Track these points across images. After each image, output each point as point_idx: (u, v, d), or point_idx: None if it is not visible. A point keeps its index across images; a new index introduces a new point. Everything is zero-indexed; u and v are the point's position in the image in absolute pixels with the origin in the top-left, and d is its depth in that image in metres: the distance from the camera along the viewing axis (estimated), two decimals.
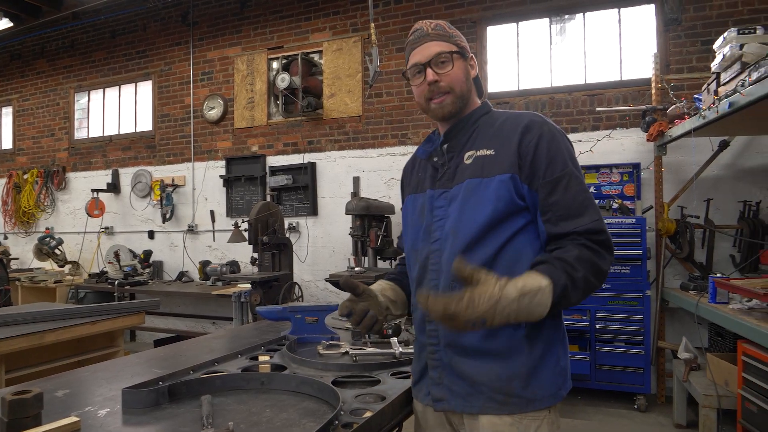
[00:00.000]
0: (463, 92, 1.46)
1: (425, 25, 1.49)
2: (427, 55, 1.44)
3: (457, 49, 1.46)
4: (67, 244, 7.11)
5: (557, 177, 1.34)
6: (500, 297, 1.14)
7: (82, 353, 3.06)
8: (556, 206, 1.33)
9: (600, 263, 1.29)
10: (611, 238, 1.33)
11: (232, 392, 1.59)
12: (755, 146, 4.39)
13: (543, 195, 1.34)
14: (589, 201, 1.34)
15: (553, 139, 1.37)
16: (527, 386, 1.33)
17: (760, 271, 3.99)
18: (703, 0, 4.58)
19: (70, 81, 7.60)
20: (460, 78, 1.45)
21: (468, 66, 1.49)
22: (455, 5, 5.39)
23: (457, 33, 1.51)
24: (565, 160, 1.36)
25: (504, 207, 1.35)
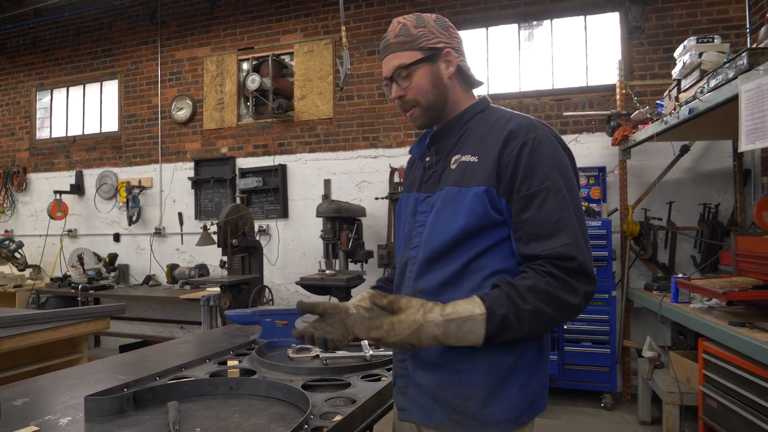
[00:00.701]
0: (432, 102, 1.37)
1: (390, 31, 1.39)
2: (388, 69, 1.38)
3: (420, 56, 1.33)
4: (27, 247, 6.88)
5: (533, 192, 1.22)
6: (423, 323, 1.17)
7: (42, 360, 2.97)
8: (527, 224, 1.22)
9: (562, 294, 1.16)
10: (589, 265, 1.18)
11: (200, 398, 1.57)
12: (714, 151, 4.54)
13: (515, 211, 1.24)
14: (565, 221, 1.19)
15: (538, 148, 1.24)
16: (483, 408, 1.24)
17: (719, 271, 4.13)
18: (665, 9, 4.73)
19: (32, 79, 7.37)
20: (424, 88, 1.35)
21: (439, 67, 1.35)
22: (426, 9, 5.43)
23: (426, 30, 1.35)
24: (546, 172, 1.22)
25: (476, 221, 1.27)
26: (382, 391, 1.60)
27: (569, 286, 1.16)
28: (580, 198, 1.29)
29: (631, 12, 4.74)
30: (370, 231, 5.43)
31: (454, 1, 5.33)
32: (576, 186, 1.28)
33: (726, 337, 2.65)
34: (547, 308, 1.16)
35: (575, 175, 1.30)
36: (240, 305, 4.45)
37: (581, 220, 1.23)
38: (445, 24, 1.39)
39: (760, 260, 2.98)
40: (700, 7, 4.64)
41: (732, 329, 2.63)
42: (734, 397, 2.63)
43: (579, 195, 1.28)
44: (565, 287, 1.16)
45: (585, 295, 1.18)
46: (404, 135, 5.48)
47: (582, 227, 1.22)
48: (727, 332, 2.63)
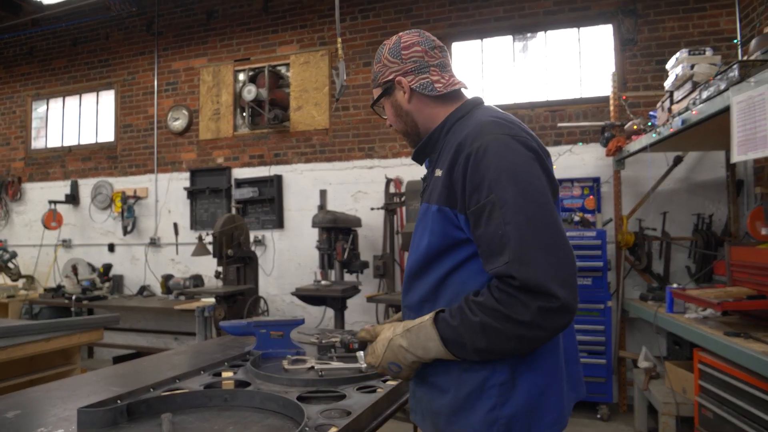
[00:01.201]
0: (402, 129, 1.47)
1: None
2: None
3: (380, 92, 1.46)
4: (21, 257, 6.83)
5: (480, 206, 1.17)
6: (392, 338, 1.28)
7: (35, 372, 2.94)
8: (481, 241, 1.18)
9: (511, 311, 1.10)
10: (533, 281, 1.08)
11: (194, 410, 1.56)
12: (707, 161, 4.58)
13: (471, 227, 1.21)
14: (507, 237, 1.12)
15: (484, 157, 1.17)
16: (450, 425, 1.26)
17: (714, 281, 4.14)
18: (657, 22, 4.79)
19: (28, 89, 7.37)
20: (393, 119, 1.48)
21: (396, 97, 1.42)
22: (421, 21, 5.48)
23: (380, 66, 1.44)
24: (490, 183, 1.15)
25: (438, 242, 1.27)
26: (377, 402, 1.59)
27: (517, 302, 1.10)
28: (543, 200, 1.15)
29: (624, 24, 4.80)
30: (365, 241, 5.43)
31: (449, 13, 5.38)
32: (535, 188, 1.16)
33: (721, 347, 2.65)
34: (495, 324, 1.12)
35: (544, 173, 1.21)
36: (235, 316, 4.43)
37: (538, 228, 1.12)
38: (397, 49, 1.40)
39: (754, 270, 2.99)
40: (691, 19, 4.70)
41: (727, 339, 2.63)
42: (730, 408, 2.63)
43: (540, 198, 1.15)
44: (512, 304, 1.11)
45: (540, 311, 1.09)
46: (399, 146, 5.50)
47: (538, 236, 1.11)
48: (723, 342, 2.64)
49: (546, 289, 1.08)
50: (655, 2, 4.79)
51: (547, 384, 1.24)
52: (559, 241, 1.13)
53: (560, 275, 1.10)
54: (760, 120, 2.18)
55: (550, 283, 1.08)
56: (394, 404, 1.72)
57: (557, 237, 1.13)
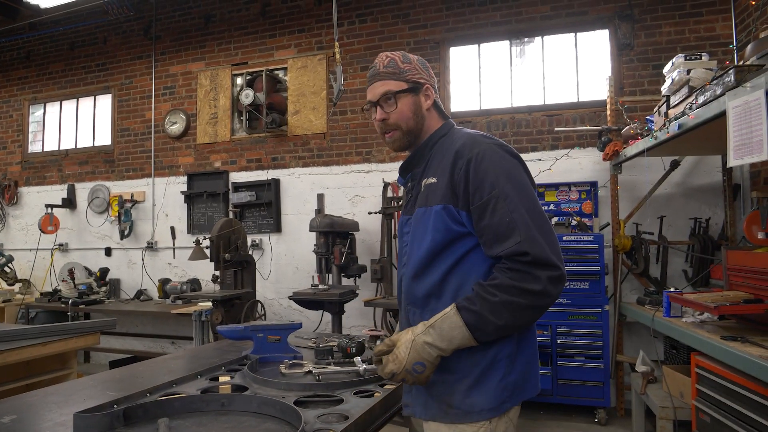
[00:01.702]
0: (411, 127, 1.56)
1: (380, 62, 1.58)
2: (375, 95, 1.56)
3: (405, 87, 1.53)
4: (17, 261, 6.81)
5: (485, 201, 1.38)
6: (413, 338, 1.39)
7: (31, 376, 2.93)
8: (487, 230, 1.38)
9: (524, 284, 1.32)
10: (543, 255, 1.33)
11: (191, 415, 1.55)
12: (703, 166, 4.59)
13: (475, 220, 1.41)
14: (515, 223, 1.34)
15: (483, 161, 1.40)
16: (465, 399, 1.42)
17: (711, 285, 4.15)
18: (654, 27, 4.81)
19: (25, 93, 7.36)
20: (406, 115, 1.54)
21: (420, 98, 1.56)
22: (418, 26, 5.50)
23: (411, 66, 1.56)
24: (493, 181, 1.38)
25: (441, 237, 1.45)
26: (375, 407, 1.59)
27: (529, 275, 1.32)
28: (533, 195, 1.41)
29: (621, 29, 4.82)
30: (363, 245, 5.42)
31: (446, 18, 5.40)
32: (526, 186, 1.41)
33: (718, 351, 2.65)
34: (515, 299, 1.32)
35: (527, 176, 1.45)
36: (232, 320, 4.42)
37: (534, 215, 1.36)
38: (426, 65, 1.61)
39: (750, 274, 3.00)
40: (687, 24, 4.73)
41: (724, 343, 2.63)
42: (727, 412, 2.63)
43: (531, 193, 1.41)
44: (525, 278, 1.32)
45: (549, 280, 1.32)
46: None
47: (536, 221, 1.35)
48: (720, 346, 2.64)
49: (551, 261, 1.33)
50: (651, 7, 4.82)
51: (534, 354, 1.51)
52: (550, 227, 1.40)
53: (556, 252, 1.36)
54: (756, 125, 2.19)
55: (552, 257, 1.33)
56: (391, 408, 1.72)
57: (548, 224, 1.40)
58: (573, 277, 4.28)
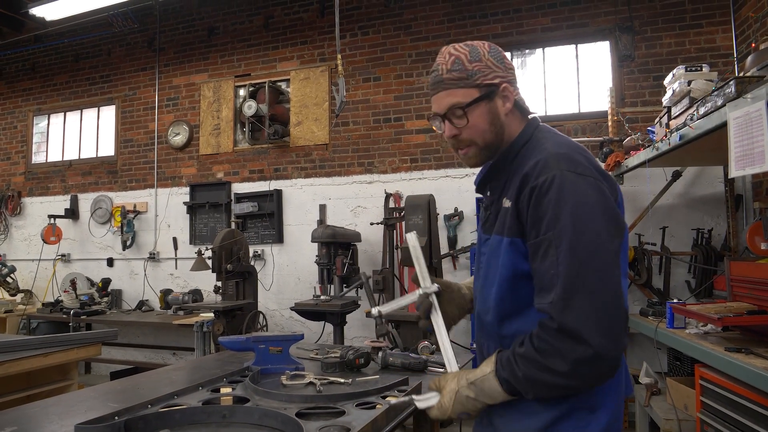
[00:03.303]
0: (489, 141, 1.32)
1: (442, 62, 1.31)
2: (442, 107, 1.31)
3: (477, 95, 1.28)
4: (20, 271, 6.82)
5: (538, 242, 1.18)
6: (458, 389, 1.27)
7: (32, 387, 2.92)
8: (535, 274, 1.20)
9: (549, 360, 1.12)
10: (575, 324, 1.09)
11: (193, 426, 1.54)
12: (705, 176, 4.60)
13: (530, 258, 1.22)
14: (558, 277, 1.12)
15: (548, 193, 1.16)
16: None
17: (714, 296, 4.13)
18: (654, 38, 4.84)
19: (29, 104, 7.41)
20: (481, 128, 1.30)
21: (497, 104, 1.31)
22: (420, 38, 5.53)
23: (482, 65, 1.28)
24: (551, 220, 1.15)
25: (509, 273, 1.27)
26: (377, 419, 1.58)
27: (553, 349, 1.12)
28: (598, 243, 1.13)
29: (621, 41, 4.84)
30: (365, 256, 5.42)
31: (448, 30, 5.44)
32: (592, 230, 1.13)
33: (722, 363, 2.64)
34: (538, 375, 1.14)
35: (600, 212, 1.16)
36: (234, 331, 4.41)
37: (587, 271, 1.11)
38: (500, 55, 1.32)
39: (754, 285, 2.98)
40: (688, 36, 4.75)
41: (728, 355, 2.62)
42: (732, 424, 2.61)
43: (596, 240, 1.13)
44: (549, 351, 1.13)
45: (577, 361, 1.09)
46: (399, 161, 5.53)
47: (586, 279, 1.10)
48: (723, 358, 2.62)
49: (579, 334, 1.09)
50: (651, 19, 4.85)
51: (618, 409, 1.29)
52: (608, 288, 1.12)
53: (601, 322, 1.09)
54: (757, 135, 2.19)
55: (586, 329, 1.08)
56: (393, 421, 1.71)
57: (607, 283, 1.12)
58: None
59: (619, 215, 1.21)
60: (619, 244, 1.17)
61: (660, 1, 4.84)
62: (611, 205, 1.19)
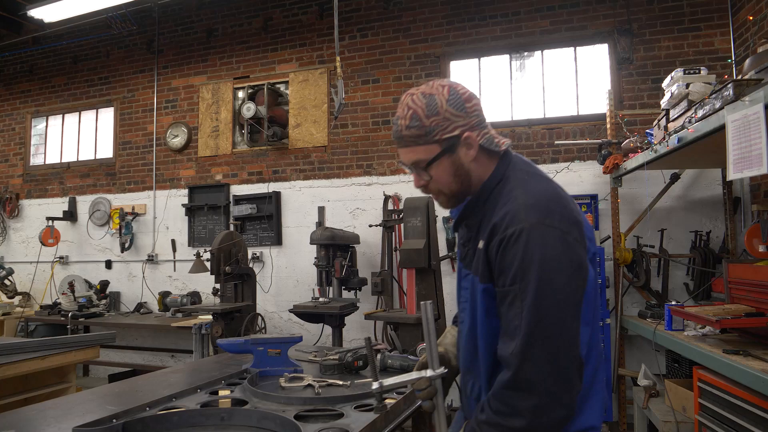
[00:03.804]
0: (454, 191, 1.35)
1: (401, 118, 1.29)
2: (406, 161, 1.34)
3: (438, 150, 1.28)
4: (18, 274, 6.80)
5: (504, 291, 1.21)
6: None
7: (29, 390, 2.91)
8: (501, 321, 1.24)
9: (507, 420, 1.16)
10: (529, 375, 1.13)
11: (191, 429, 1.54)
12: (704, 179, 4.61)
13: (497, 303, 1.25)
14: (521, 329, 1.15)
15: (515, 244, 1.19)
16: None
17: (712, 299, 4.13)
18: (653, 41, 4.85)
19: (28, 106, 7.41)
20: (446, 180, 1.32)
21: (459, 155, 1.30)
22: (419, 41, 5.54)
23: (440, 119, 1.26)
24: (516, 273, 1.17)
25: (486, 317, 1.30)
26: (375, 421, 1.58)
27: (509, 410, 1.16)
28: (561, 297, 1.16)
29: (620, 44, 4.86)
30: (363, 258, 5.42)
31: (447, 32, 5.45)
32: (554, 284, 1.16)
33: (720, 365, 2.64)
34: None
35: (567, 263, 1.18)
36: (232, 333, 4.40)
37: (546, 324, 1.14)
38: (460, 100, 1.28)
39: (752, 287, 2.99)
40: (686, 39, 4.77)
41: (726, 357, 2.62)
42: (730, 427, 2.61)
43: (558, 295, 1.16)
44: (505, 409, 1.16)
45: (534, 413, 1.13)
46: (398, 163, 5.53)
47: (545, 332, 1.14)
48: (722, 360, 2.63)
49: (533, 384, 1.13)
50: (650, 22, 4.86)
51: None
52: (565, 341, 1.16)
53: (553, 372, 1.14)
54: (755, 138, 2.20)
55: (539, 379, 1.13)
56: (391, 423, 1.71)
57: (564, 336, 1.16)
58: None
59: (583, 264, 1.22)
60: (582, 294, 1.21)
61: (658, 3, 4.86)
62: (576, 256, 1.20)
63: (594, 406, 1.30)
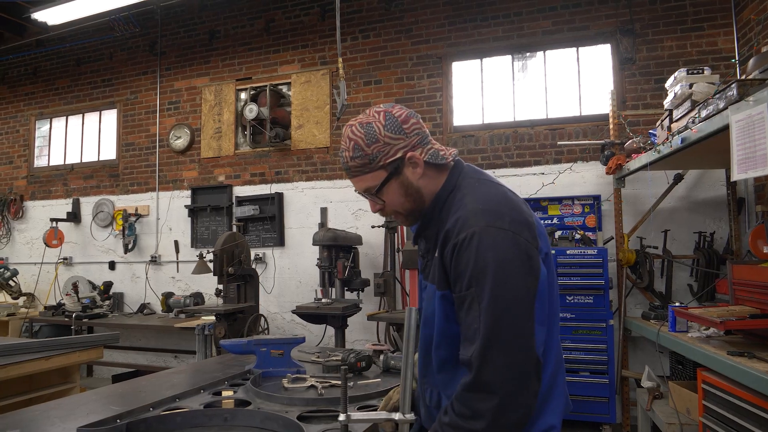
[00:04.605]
0: (409, 209, 1.38)
1: (345, 150, 1.33)
2: (358, 189, 1.39)
3: (384, 176, 1.32)
4: (22, 275, 6.83)
5: (461, 296, 1.23)
6: None
7: (34, 390, 2.92)
8: (461, 326, 1.24)
9: (468, 423, 1.17)
10: (487, 377, 1.15)
11: (194, 430, 1.54)
12: (707, 179, 4.59)
13: (456, 309, 1.27)
14: (479, 333, 1.16)
15: (467, 249, 1.20)
16: None
17: (716, 300, 4.12)
18: (655, 41, 4.84)
19: (32, 108, 7.44)
20: (398, 201, 1.36)
21: (406, 175, 1.33)
22: (421, 41, 5.54)
23: (380, 146, 1.29)
24: (471, 276, 1.19)
25: (443, 325, 1.32)
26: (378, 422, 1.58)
27: (471, 412, 1.17)
28: (515, 295, 1.18)
29: (622, 44, 4.85)
30: (366, 259, 5.42)
31: (449, 33, 5.45)
32: (508, 284, 1.17)
33: (725, 366, 2.63)
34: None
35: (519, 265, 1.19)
36: (235, 334, 4.41)
37: (502, 325, 1.16)
38: (396, 124, 1.31)
39: (756, 289, 2.98)
40: (689, 39, 4.75)
41: (731, 359, 2.61)
42: (734, 429, 2.60)
43: (511, 295, 1.17)
44: (467, 416, 1.17)
45: (494, 414, 1.14)
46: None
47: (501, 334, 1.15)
48: (726, 362, 2.62)
49: (491, 385, 1.15)
50: (653, 22, 4.85)
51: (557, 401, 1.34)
52: (521, 341, 1.17)
53: (511, 373, 1.15)
54: (759, 138, 2.19)
55: (498, 381, 1.15)
56: None
57: (520, 336, 1.17)
58: (577, 292, 4.26)
59: (534, 265, 1.22)
60: (534, 294, 1.21)
61: (661, 3, 4.84)
62: (527, 257, 1.21)
63: (555, 408, 1.32)
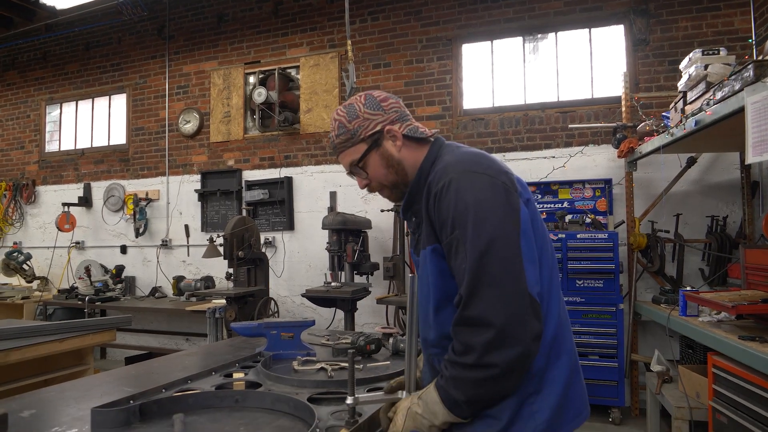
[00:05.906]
0: (393, 180, 1.44)
1: (332, 131, 1.45)
2: (345, 166, 1.47)
3: (365, 148, 1.40)
4: (35, 259, 6.92)
5: (448, 242, 1.25)
6: (409, 406, 1.30)
7: (49, 372, 2.97)
8: (453, 272, 1.27)
9: (461, 357, 1.19)
10: (476, 312, 1.16)
11: (206, 410, 1.56)
12: (721, 163, 4.52)
13: (447, 259, 1.29)
14: (467, 271, 1.18)
15: (446, 195, 1.25)
16: None
17: (728, 284, 4.09)
18: (670, 22, 4.75)
19: (42, 93, 7.46)
20: (381, 173, 1.43)
21: (386, 147, 1.41)
22: (431, 23, 5.48)
23: (360, 121, 1.39)
24: (454, 220, 1.23)
25: (437, 279, 1.33)
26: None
27: (464, 347, 1.18)
28: (497, 233, 1.19)
29: (636, 25, 4.76)
30: (375, 243, 5.43)
31: (459, 15, 5.38)
32: (489, 222, 1.20)
33: (736, 351, 2.62)
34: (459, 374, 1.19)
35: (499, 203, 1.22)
36: (245, 317, 4.45)
37: (486, 261, 1.17)
38: (375, 102, 1.42)
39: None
40: (705, 19, 4.65)
41: (742, 343, 2.60)
42: (745, 413, 2.60)
43: (493, 231, 1.19)
44: (459, 348, 1.19)
45: (485, 347, 1.14)
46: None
47: (486, 269, 1.17)
48: (737, 346, 2.60)
49: (482, 319, 1.15)
50: (667, 2, 4.75)
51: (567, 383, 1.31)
52: (511, 275, 1.17)
53: (505, 307, 1.15)
54: None
55: (490, 314, 1.15)
56: None
57: (509, 271, 1.17)
58: (587, 276, 4.25)
59: (514, 205, 1.24)
60: (518, 231, 1.22)
61: None
62: (506, 198, 1.24)
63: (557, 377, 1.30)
